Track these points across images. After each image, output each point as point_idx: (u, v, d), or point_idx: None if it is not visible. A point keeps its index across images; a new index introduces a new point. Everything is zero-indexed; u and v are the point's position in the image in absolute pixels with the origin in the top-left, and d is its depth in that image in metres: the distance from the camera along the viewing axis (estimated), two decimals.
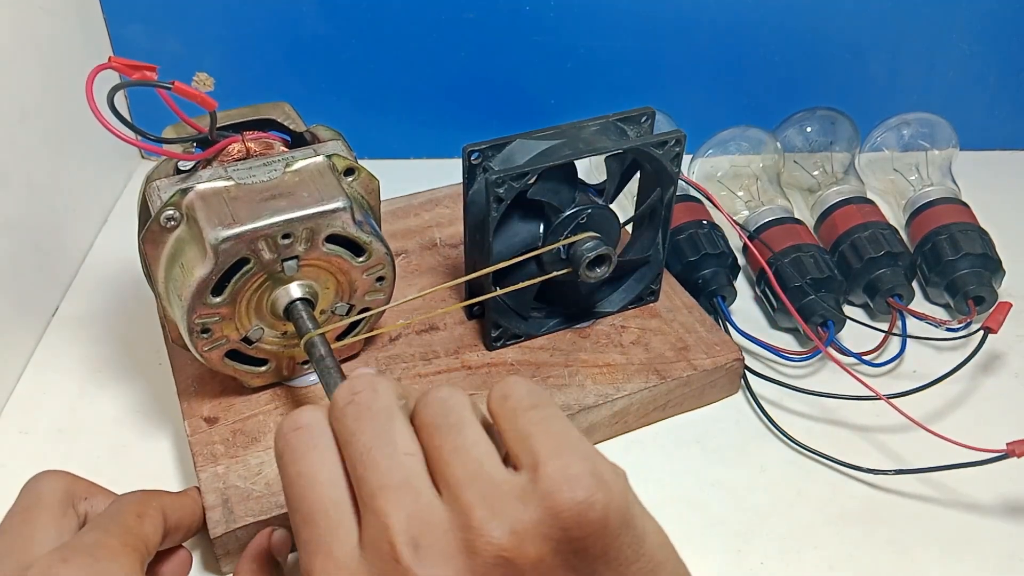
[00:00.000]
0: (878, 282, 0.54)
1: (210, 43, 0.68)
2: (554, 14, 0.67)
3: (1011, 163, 0.74)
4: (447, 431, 0.28)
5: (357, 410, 0.29)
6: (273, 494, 0.42)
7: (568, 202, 0.46)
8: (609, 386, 0.48)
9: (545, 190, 0.45)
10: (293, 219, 0.40)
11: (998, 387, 0.52)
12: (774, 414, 0.50)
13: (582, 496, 0.26)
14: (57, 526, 0.35)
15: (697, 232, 0.57)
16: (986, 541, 0.43)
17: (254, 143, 0.44)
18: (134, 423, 0.50)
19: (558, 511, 0.26)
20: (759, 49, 0.69)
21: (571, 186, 0.46)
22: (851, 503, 0.45)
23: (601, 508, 0.26)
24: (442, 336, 0.51)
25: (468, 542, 0.26)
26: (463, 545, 0.26)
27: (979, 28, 0.69)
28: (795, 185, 0.65)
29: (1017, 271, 0.57)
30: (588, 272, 0.46)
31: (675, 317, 0.52)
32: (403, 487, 0.27)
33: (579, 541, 0.26)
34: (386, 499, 0.27)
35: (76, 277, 0.61)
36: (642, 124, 0.49)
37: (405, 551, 0.26)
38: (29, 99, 0.56)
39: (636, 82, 0.71)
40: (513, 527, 0.26)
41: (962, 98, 0.72)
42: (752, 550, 0.43)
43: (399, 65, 0.69)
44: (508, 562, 0.26)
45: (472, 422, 0.29)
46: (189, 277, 0.40)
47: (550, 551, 0.26)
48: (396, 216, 0.61)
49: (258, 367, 0.45)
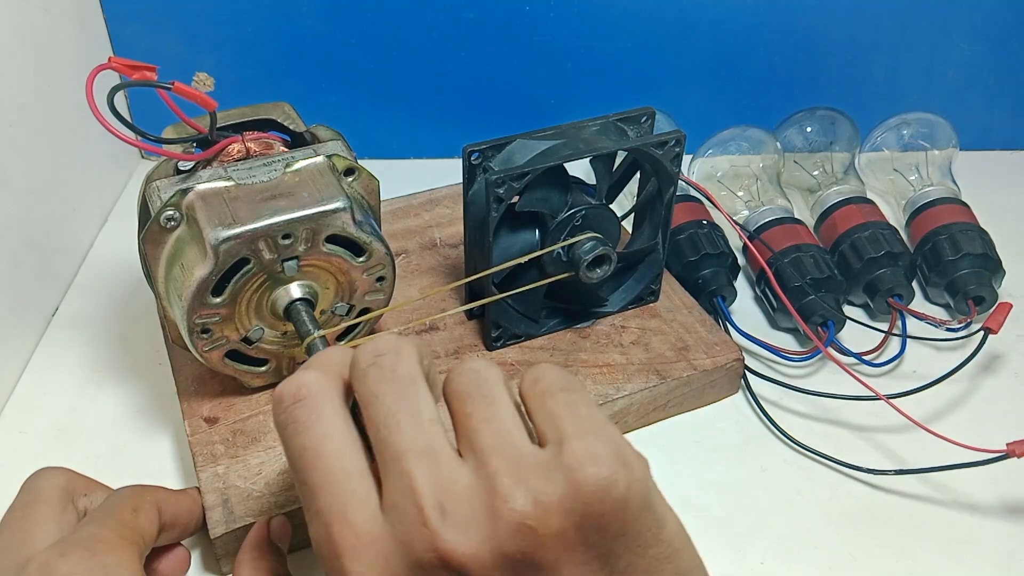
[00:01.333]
0: (878, 282, 0.54)
1: (210, 43, 0.68)
2: (554, 14, 0.67)
3: (1011, 163, 0.73)
4: (479, 400, 0.29)
5: (380, 372, 0.29)
6: (273, 494, 0.42)
7: (560, 207, 0.46)
8: (609, 386, 0.48)
9: (534, 200, 0.45)
10: (293, 219, 0.40)
11: (998, 387, 0.52)
12: (774, 414, 0.50)
13: (605, 473, 0.26)
14: (56, 522, 0.35)
15: (697, 232, 0.57)
16: (986, 541, 0.43)
17: (254, 143, 0.44)
18: (134, 423, 0.50)
19: (581, 486, 0.26)
20: (759, 49, 0.69)
21: (562, 190, 0.46)
22: (851, 503, 0.45)
23: (623, 487, 0.26)
24: (442, 336, 0.51)
25: (493, 508, 0.26)
26: (488, 511, 0.26)
27: (979, 28, 0.69)
28: (795, 185, 0.65)
29: (1017, 271, 0.57)
30: (588, 272, 0.46)
31: (675, 317, 0.52)
32: (428, 452, 0.27)
33: (600, 518, 0.26)
34: (412, 463, 0.27)
35: (76, 277, 0.61)
36: (642, 124, 0.49)
37: (433, 514, 0.26)
38: (29, 99, 0.56)
39: (636, 82, 0.71)
40: (537, 497, 0.26)
41: (962, 98, 0.72)
42: (752, 550, 0.43)
43: (399, 65, 0.69)
44: (531, 530, 0.26)
45: (504, 395, 0.29)
46: (189, 277, 0.40)
47: (572, 525, 0.26)
48: (396, 216, 0.61)
49: (258, 367, 0.45)
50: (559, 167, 0.45)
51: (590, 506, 0.26)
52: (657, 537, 0.28)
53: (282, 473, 0.43)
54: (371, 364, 0.29)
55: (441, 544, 0.26)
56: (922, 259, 0.57)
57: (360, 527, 0.27)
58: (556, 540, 0.26)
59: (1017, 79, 0.71)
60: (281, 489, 0.42)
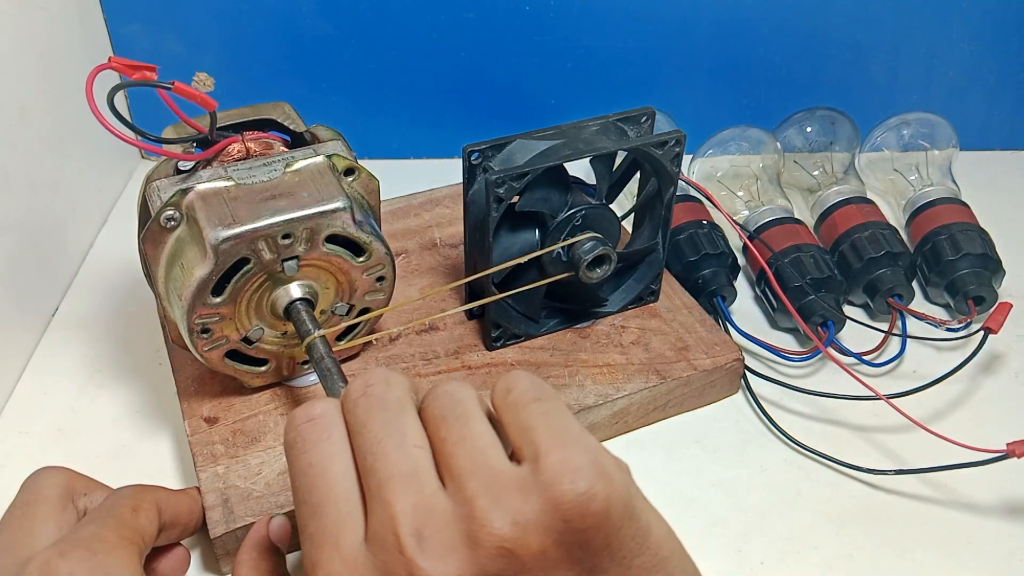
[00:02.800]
0: (878, 282, 0.54)
1: (210, 43, 0.68)
2: (554, 14, 0.67)
3: (1011, 163, 0.73)
4: (452, 423, 0.28)
5: (369, 402, 0.29)
6: (273, 494, 0.42)
7: (560, 207, 0.46)
8: (609, 386, 0.48)
9: (534, 200, 0.45)
10: (293, 219, 0.40)
11: (998, 387, 0.52)
12: (774, 414, 0.50)
13: (583, 487, 0.26)
14: (57, 521, 0.35)
15: (697, 232, 0.57)
16: (986, 541, 0.43)
17: (254, 143, 0.44)
18: (134, 423, 0.50)
19: (559, 502, 0.26)
20: (759, 49, 0.69)
21: (562, 190, 0.46)
22: (851, 503, 0.45)
23: (603, 500, 0.26)
24: (442, 336, 0.51)
25: (471, 533, 0.26)
26: (466, 536, 0.26)
27: (979, 28, 0.69)
28: (795, 185, 0.65)
29: (1017, 271, 0.57)
30: (588, 273, 0.46)
31: (675, 317, 0.52)
32: (410, 478, 0.27)
33: (581, 533, 0.26)
34: (392, 489, 0.27)
35: (76, 277, 0.61)
36: (642, 124, 0.49)
37: (409, 541, 0.26)
38: (29, 99, 0.56)
39: (636, 82, 0.71)
40: (515, 518, 0.26)
41: (962, 98, 0.72)
42: (752, 550, 0.43)
43: (399, 65, 0.69)
44: (510, 553, 0.26)
45: (477, 415, 0.29)
46: (189, 277, 0.40)
47: (552, 543, 0.26)
48: (396, 216, 0.61)
49: (258, 367, 0.45)
50: (559, 167, 0.45)
51: (570, 522, 0.26)
52: (642, 546, 0.27)
53: (282, 473, 0.43)
54: (361, 395, 0.30)
55: (418, 572, 0.25)
56: (922, 259, 0.57)
57: (347, 552, 0.27)
58: (537, 560, 0.26)
59: (1017, 79, 0.71)
60: (281, 489, 0.42)
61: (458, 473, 0.27)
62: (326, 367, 0.39)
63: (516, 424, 0.28)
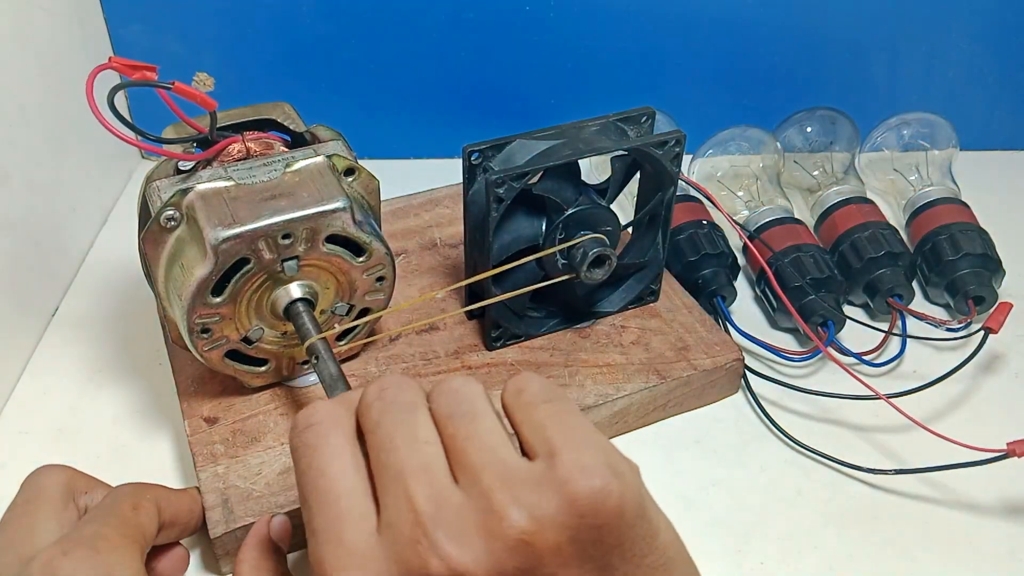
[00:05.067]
0: (878, 282, 0.54)
1: (210, 43, 0.68)
2: (554, 14, 0.67)
3: (1011, 163, 0.73)
4: (460, 419, 0.29)
5: (383, 404, 0.30)
6: (273, 494, 0.42)
7: (572, 201, 0.46)
8: (609, 386, 0.48)
9: (549, 187, 0.45)
10: (293, 219, 0.40)
11: (998, 387, 0.52)
12: (774, 414, 0.50)
13: (599, 485, 0.26)
14: (58, 519, 0.35)
15: (697, 232, 0.57)
16: (986, 541, 0.43)
17: (254, 143, 0.44)
18: (134, 423, 0.50)
19: (575, 498, 0.26)
20: (759, 49, 0.69)
21: (575, 185, 0.46)
22: (851, 503, 0.45)
23: (617, 498, 0.26)
24: (442, 336, 0.51)
25: (487, 525, 0.26)
26: (482, 528, 0.26)
27: (979, 28, 0.69)
28: (795, 185, 0.65)
29: (1017, 271, 0.57)
30: (588, 273, 0.46)
31: (675, 317, 0.52)
32: (422, 470, 0.27)
33: (595, 530, 0.26)
34: (408, 482, 0.27)
35: (76, 277, 0.61)
36: (642, 124, 0.49)
37: (429, 529, 0.26)
38: (29, 99, 0.56)
39: (636, 82, 0.71)
40: (533, 512, 0.26)
41: (962, 98, 0.72)
42: (752, 550, 0.43)
43: (399, 65, 0.69)
44: (528, 546, 0.26)
45: (486, 410, 0.29)
46: (189, 277, 0.40)
47: (567, 539, 0.26)
48: (396, 216, 0.61)
49: (258, 367, 0.45)
50: (575, 165, 0.45)
51: (585, 519, 0.26)
52: (652, 546, 0.28)
53: (282, 473, 0.43)
54: (376, 398, 0.30)
55: (436, 560, 0.26)
56: (922, 259, 0.57)
57: (352, 546, 0.27)
58: (553, 555, 0.26)
59: (1017, 79, 0.71)
60: (281, 489, 0.42)
61: (471, 468, 0.27)
62: (326, 368, 0.39)
63: (529, 423, 0.29)
